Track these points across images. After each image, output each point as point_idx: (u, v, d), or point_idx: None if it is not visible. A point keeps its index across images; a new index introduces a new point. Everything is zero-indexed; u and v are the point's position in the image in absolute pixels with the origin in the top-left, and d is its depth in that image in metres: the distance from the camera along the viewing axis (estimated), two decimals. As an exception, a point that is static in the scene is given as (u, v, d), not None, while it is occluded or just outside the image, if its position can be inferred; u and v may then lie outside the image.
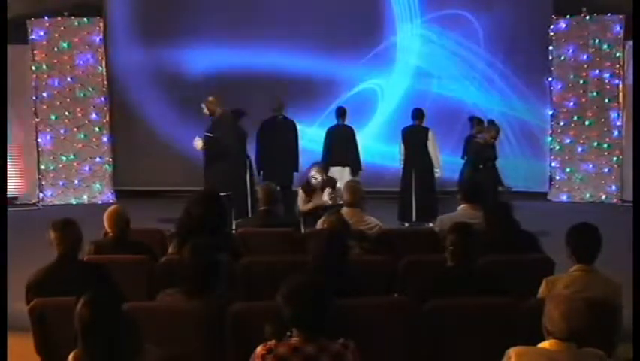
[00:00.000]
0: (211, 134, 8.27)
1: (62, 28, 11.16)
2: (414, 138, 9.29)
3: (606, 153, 11.08)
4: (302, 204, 7.54)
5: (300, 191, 7.60)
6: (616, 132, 11.02)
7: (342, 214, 5.23)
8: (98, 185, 11.44)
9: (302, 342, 3.00)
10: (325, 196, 7.35)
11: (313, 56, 11.26)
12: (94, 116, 11.35)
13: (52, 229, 4.26)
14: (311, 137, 10.70)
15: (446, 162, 9.69)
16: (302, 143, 9.56)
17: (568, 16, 11.03)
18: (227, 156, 8.28)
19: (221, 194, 7.44)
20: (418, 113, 9.32)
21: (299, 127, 9.49)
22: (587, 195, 11.15)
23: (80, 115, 11.31)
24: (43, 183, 11.29)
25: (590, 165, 11.16)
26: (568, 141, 11.22)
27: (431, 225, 7.70)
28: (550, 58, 11.06)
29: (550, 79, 11.14)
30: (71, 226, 4.29)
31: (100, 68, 11.31)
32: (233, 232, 6.09)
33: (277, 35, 11.19)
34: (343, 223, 5.00)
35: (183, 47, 11.36)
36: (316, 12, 11.25)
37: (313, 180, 7.44)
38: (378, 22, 11.30)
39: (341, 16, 11.23)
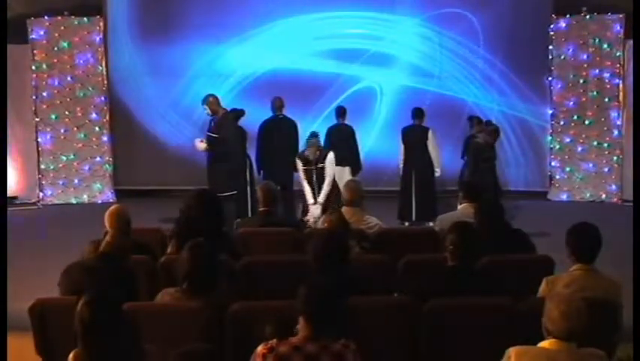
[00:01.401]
0: (215, 135, 8.27)
1: (62, 27, 11.15)
2: (414, 137, 9.29)
3: (606, 153, 11.08)
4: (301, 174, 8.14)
5: (297, 161, 8.18)
6: (616, 132, 11.02)
7: (342, 214, 5.23)
8: (98, 185, 11.43)
9: (303, 341, 3.01)
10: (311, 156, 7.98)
11: (312, 55, 11.26)
12: (94, 115, 11.35)
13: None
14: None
15: (446, 161, 9.68)
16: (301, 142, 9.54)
17: (568, 16, 11.03)
18: (231, 155, 8.28)
19: (225, 194, 7.50)
20: (417, 113, 9.32)
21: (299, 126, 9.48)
22: (587, 195, 11.14)
23: (80, 114, 11.30)
24: (43, 182, 11.28)
25: (590, 165, 11.16)
26: (568, 140, 11.21)
27: (431, 224, 7.70)
28: (550, 57, 11.05)
29: (550, 78, 11.14)
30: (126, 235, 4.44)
31: (100, 68, 11.30)
32: (234, 231, 6.08)
33: (276, 34, 11.20)
34: (344, 223, 5.00)
35: (183, 46, 11.35)
36: (314, 10, 11.24)
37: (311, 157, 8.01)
38: (378, 20, 11.28)
39: (341, 15, 11.21)
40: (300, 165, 8.15)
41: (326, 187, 8.01)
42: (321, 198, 8.01)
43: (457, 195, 6.24)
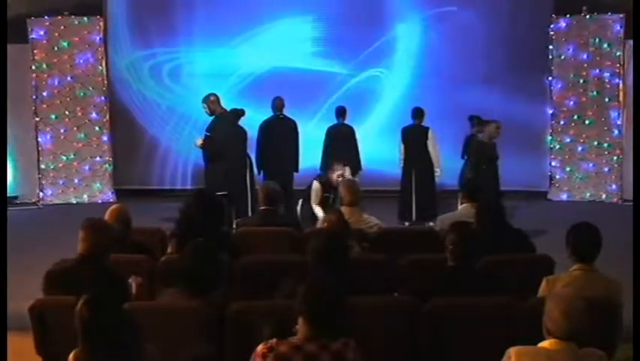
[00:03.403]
0: (210, 134, 8.27)
1: (62, 27, 11.15)
2: (414, 137, 9.29)
3: (606, 153, 11.08)
4: (315, 199, 7.59)
5: (317, 185, 7.62)
6: (616, 131, 11.02)
7: (342, 214, 5.23)
8: (98, 184, 11.44)
9: (303, 340, 3.01)
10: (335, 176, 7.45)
11: (311, 54, 11.25)
12: (94, 115, 11.35)
13: (81, 227, 4.22)
14: (307, 135, 10.61)
15: (446, 161, 9.67)
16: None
17: (568, 15, 11.03)
18: (225, 155, 8.27)
19: (221, 193, 7.49)
20: (417, 113, 9.32)
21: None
22: (587, 195, 11.15)
23: (80, 114, 11.30)
24: (43, 182, 11.28)
25: (590, 165, 11.16)
26: (568, 140, 11.22)
27: (431, 224, 7.70)
28: (550, 57, 11.05)
29: (550, 78, 11.14)
30: (99, 229, 4.23)
31: (100, 68, 11.30)
32: (234, 231, 6.08)
33: (276, 34, 11.19)
34: (344, 223, 4.99)
35: (182, 46, 11.37)
36: (315, 9, 11.24)
37: (339, 179, 7.37)
38: (377, 19, 11.28)
39: (340, 14, 11.22)
40: (318, 189, 7.59)
41: None
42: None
43: (457, 195, 6.23)
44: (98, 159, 11.43)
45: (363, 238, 5.29)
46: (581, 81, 11.05)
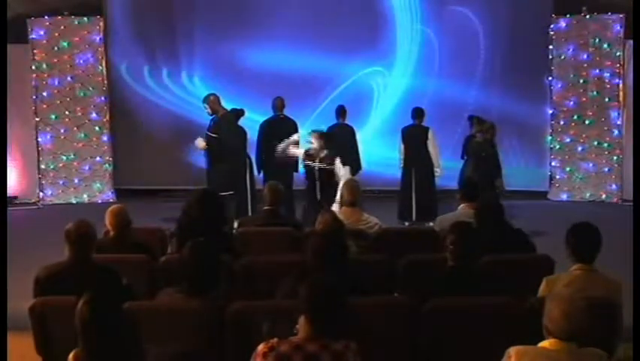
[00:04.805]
0: (214, 134, 8.27)
1: (62, 27, 11.15)
2: (414, 137, 9.29)
3: (606, 153, 11.08)
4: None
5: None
6: (616, 131, 11.02)
7: (335, 213, 5.24)
8: (98, 184, 11.44)
9: (304, 340, 3.01)
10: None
11: (310, 54, 11.23)
12: (94, 115, 11.35)
13: (65, 237, 4.20)
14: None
15: (446, 161, 9.67)
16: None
17: (568, 15, 11.03)
18: (229, 155, 8.27)
19: (224, 193, 7.50)
20: (417, 113, 9.32)
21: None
22: (587, 195, 11.15)
23: (80, 114, 11.31)
24: (43, 182, 11.28)
25: (590, 165, 11.16)
26: (568, 140, 11.22)
27: (431, 224, 7.70)
28: (550, 57, 11.05)
29: (550, 78, 11.14)
30: (82, 233, 4.21)
31: (100, 68, 11.30)
32: (235, 231, 6.08)
33: (275, 34, 11.19)
34: (338, 222, 4.99)
35: (182, 46, 11.37)
36: (314, 9, 11.24)
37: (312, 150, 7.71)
38: (377, 19, 11.28)
39: (340, 14, 11.22)
40: (301, 153, 8.08)
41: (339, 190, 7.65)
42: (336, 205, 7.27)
43: (456, 195, 6.23)
44: (98, 159, 11.43)
45: (361, 237, 5.29)
46: (581, 81, 11.05)
